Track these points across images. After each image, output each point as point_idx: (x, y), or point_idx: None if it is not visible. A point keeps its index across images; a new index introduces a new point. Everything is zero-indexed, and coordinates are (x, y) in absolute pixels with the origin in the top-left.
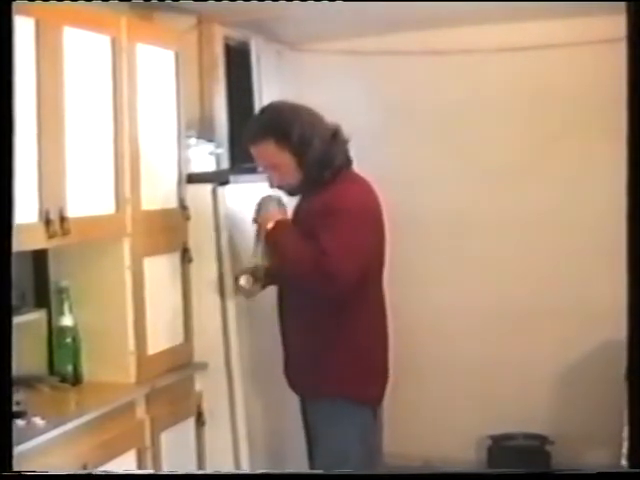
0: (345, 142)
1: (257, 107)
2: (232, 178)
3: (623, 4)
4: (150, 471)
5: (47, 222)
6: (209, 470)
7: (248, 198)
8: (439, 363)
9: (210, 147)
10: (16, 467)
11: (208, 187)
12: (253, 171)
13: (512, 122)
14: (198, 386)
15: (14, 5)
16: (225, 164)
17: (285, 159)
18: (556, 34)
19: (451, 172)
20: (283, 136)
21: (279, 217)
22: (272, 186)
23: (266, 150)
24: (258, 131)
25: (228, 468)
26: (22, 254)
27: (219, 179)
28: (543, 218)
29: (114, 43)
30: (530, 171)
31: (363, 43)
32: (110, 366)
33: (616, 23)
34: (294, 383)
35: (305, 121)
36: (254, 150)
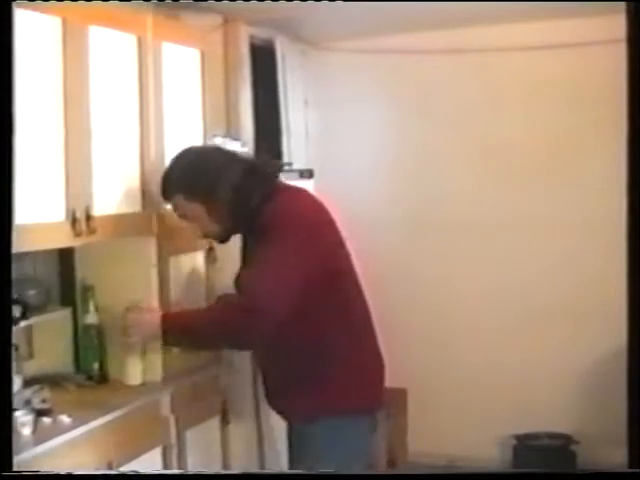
0: (264, 174)
1: (282, 106)
2: None
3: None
4: (154, 471)
5: (73, 221)
6: (235, 470)
7: None
8: (463, 363)
9: (236, 145)
10: (42, 464)
11: None
12: (278, 170)
13: (529, 121)
14: (223, 384)
15: (14, 4)
16: None
17: (198, 210)
18: (572, 33)
19: (468, 170)
20: (190, 190)
21: (158, 315)
22: (199, 236)
23: (178, 204)
24: (167, 188)
25: (252, 467)
26: (48, 252)
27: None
28: (558, 217)
29: (140, 42)
30: (545, 170)
31: (386, 42)
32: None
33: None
34: (284, 410)
35: (210, 169)
36: (169, 204)
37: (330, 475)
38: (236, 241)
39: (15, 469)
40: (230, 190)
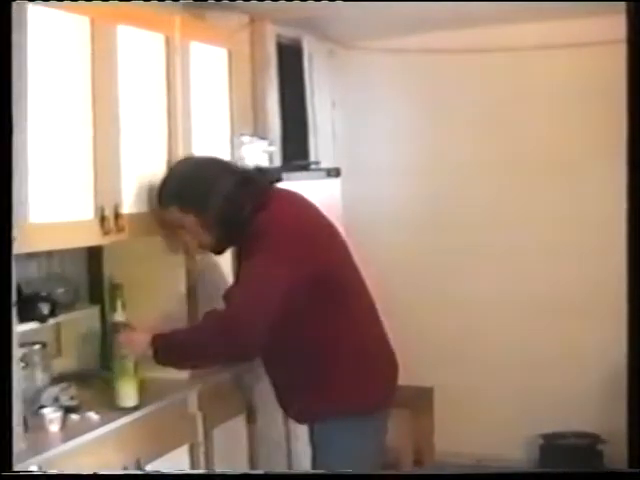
0: (257, 185)
1: (309, 104)
2: (285, 175)
3: None
4: (161, 472)
5: (102, 219)
6: (261, 469)
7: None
8: (489, 362)
9: (263, 145)
10: (69, 462)
11: None
12: (305, 168)
13: (554, 119)
14: (250, 382)
15: (16, 6)
16: (278, 161)
17: (192, 221)
18: (600, 32)
19: (493, 169)
20: (183, 201)
21: (148, 336)
22: (195, 247)
23: (173, 215)
24: (163, 199)
25: (280, 465)
26: (77, 251)
27: (272, 176)
28: (569, 215)
29: (168, 41)
30: (574, 168)
31: (413, 41)
32: None
33: None
34: (291, 412)
35: (202, 181)
36: (163, 215)
37: (358, 475)
38: None
39: (43, 466)
40: (221, 202)
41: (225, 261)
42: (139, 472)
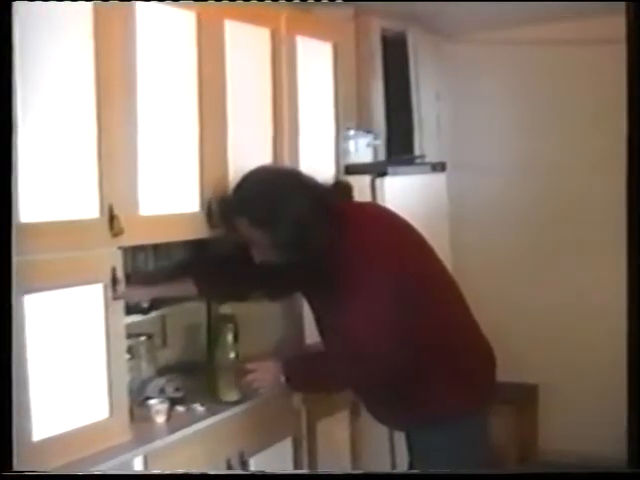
0: (330, 206)
1: (414, 98)
2: (390, 169)
3: None
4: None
5: (209, 212)
6: (362, 468)
7: (405, 189)
8: (595, 360)
9: (368, 138)
10: (174, 453)
11: (366, 178)
12: (410, 163)
13: None
14: None
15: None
16: (382, 155)
17: (261, 238)
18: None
19: (603, 167)
20: (254, 216)
21: (279, 364)
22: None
23: (242, 227)
24: (233, 209)
25: (383, 461)
26: (183, 242)
27: (377, 170)
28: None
29: (274, 36)
30: None
31: (521, 33)
32: None
33: None
34: (388, 423)
35: (273, 200)
36: (234, 224)
37: (456, 475)
38: None
39: (148, 457)
40: (292, 224)
41: None
42: (141, 472)
